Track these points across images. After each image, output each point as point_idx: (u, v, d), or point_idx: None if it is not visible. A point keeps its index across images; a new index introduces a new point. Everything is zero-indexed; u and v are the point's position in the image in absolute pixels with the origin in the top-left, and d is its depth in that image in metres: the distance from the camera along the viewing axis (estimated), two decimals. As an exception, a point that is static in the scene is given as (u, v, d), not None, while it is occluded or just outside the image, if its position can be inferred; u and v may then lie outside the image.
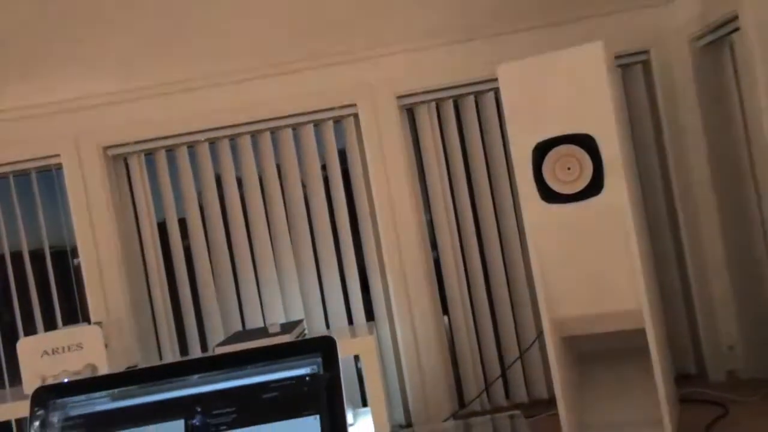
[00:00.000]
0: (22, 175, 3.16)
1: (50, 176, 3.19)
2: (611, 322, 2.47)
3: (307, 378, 0.84)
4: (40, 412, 0.85)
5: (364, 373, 2.76)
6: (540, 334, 3.11)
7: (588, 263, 2.46)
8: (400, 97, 3.12)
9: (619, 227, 2.41)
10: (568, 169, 2.48)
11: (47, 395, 0.86)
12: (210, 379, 0.86)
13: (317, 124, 3.18)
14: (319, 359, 0.85)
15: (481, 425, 1.16)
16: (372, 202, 3.16)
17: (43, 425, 0.84)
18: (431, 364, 3.08)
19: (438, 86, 3.11)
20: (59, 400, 0.86)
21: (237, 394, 0.84)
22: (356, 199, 3.20)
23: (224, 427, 0.83)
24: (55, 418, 0.85)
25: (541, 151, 2.50)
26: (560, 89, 2.44)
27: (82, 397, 0.86)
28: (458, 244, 3.17)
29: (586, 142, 2.44)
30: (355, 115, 3.15)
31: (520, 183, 2.53)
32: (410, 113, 3.21)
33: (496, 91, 3.14)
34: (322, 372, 0.85)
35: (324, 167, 3.20)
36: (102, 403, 0.85)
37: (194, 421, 0.83)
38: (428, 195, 3.19)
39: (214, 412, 0.84)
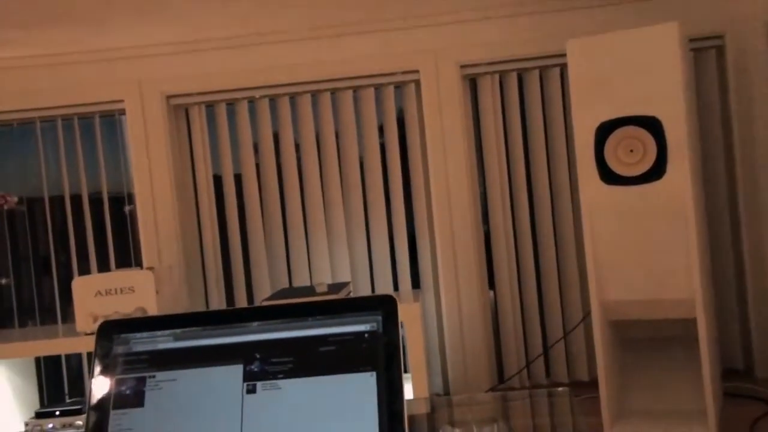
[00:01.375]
0: (87, 118, 3.22)
1: (113, 122, 3.24)
2: (662, 309, 2.43)
3: (366, 335, 0.85)
4: (105, 345, 0.87)
5: (407, 340, 2.78)
6: (586, 316, 3.08)
7: (643, 248, 2.42)
8: (463, 67, 3.09)
9: (679, 214, 2.36)
10: (631, 151, 2.43)
11: (112, 329, 0.88)
12: (270, 328, 0.87)
13: (378, 88, 3.16)
14: (379, 317, 0.86)
15: (529, 398, 1.16)
16: (427, 170, 3.15)
17: (106, 357, 0.86)
18: (473, 337, 3.08)
19: (503, 58, 3.06)
20: (123, 335, 0.87)
21: (295, 344, 0.85)
22: (411, 166, 3.19)
23: (281, 375, 0.84)
24: (118, 351, 0.87)
25: (604, 131, 2.45)
26: (630, 69, 2.39)
27: (146, 334, 0.87)
28: (510, 219, 3.14)
29: (652, 125, 2.38)
30: (417, 82, 3.13)
31: (580, 162, 2.49)
32: (472, 84, 3.17)
33: (562, 67, 3.08)
34: (381, 330, 0.85)
35: (381, 132, 3.20)
36: (164, 341, 0.87)
37: (252, 367, 0.85)
38: (483, 168, 3.17)
39: (272, 360, 0.85)
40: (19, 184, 3.25)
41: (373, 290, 3.19)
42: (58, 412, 2.66)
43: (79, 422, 2.64)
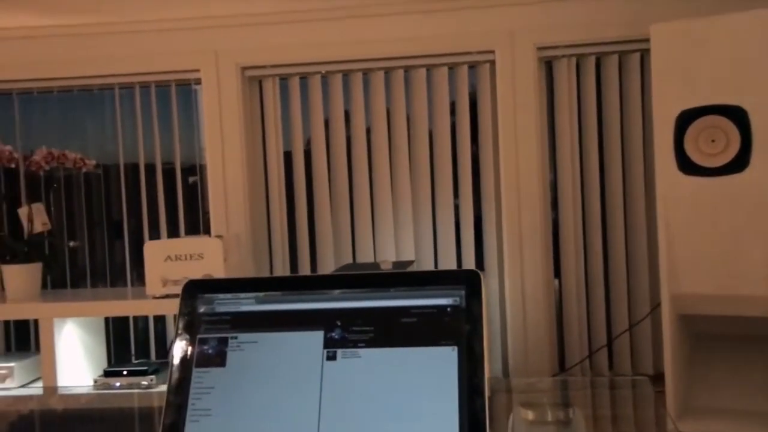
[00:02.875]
0: (163, 86, 3.27)
1: (188, 91, 3.29)
2: (737, 305, 2.36)
3: (449, 309, 0.84)
4: (189, 304, 0.88)
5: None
6: (655, 308, 3.01)
7: (720, 241, 2.35)
8: (540, 49, 3.03)
9: (760, 208, 2.28)
10: (713, 141, 2.35)
11: (197, 289, 0.89)
12: (351, 296, 0.86)
13: (451, 67, 3.13)
14: (463, 292, 0.85)
15: (604, 386, 1.14)
16: (497, 152, 3.11)
17: (190, 315, 0.87)
18: (536, 324, 3.04)
19: (581, 41, 2.99)
20: (207, 295, 0.88)
21: (377, 314, 0.85)
22: (481, 148, 3.16)
23: (362, 344, 0.83)
24: (201, 311, 0.88)
25: (685, 119, 2.38)
26: (716, 56, 2.30)
27: (229, 295, 0.88)
28: (580, 207, 3.08)
29: (737, 115, 2.30)
30: (492, 62, 3.09)
31: (658, 151, 2.42)
32: (548, 66, 3.11)
33: (643, 52, 2.99)
34: (464, 305, 0.84)
35: (453, 112, 3.17)
36: (247, 304, 0.87)
37: (333, 334, 0.85)
38: (555, 153, 3.11)
39: (353, 328, 0.84)
40: (96, 148, 3.33)
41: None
42: (125, 372, 2.73)
43: (145, 382, 2.71)
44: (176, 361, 0.86)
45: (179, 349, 0.86)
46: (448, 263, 3.15)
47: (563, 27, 2.99)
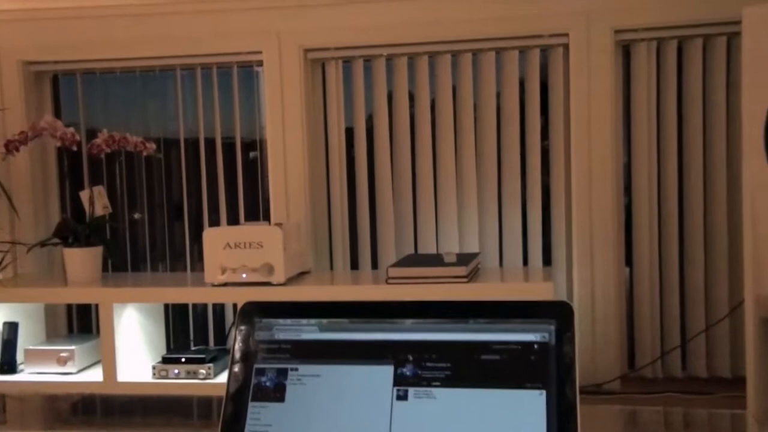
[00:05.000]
0: (225, 68, 3.22)
1: (249, 72, 3.23)
2: (830, 313, 2.19)
3: (536, 346, 0.74)
4: (246, 328, 0.80)
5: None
6: (735, 308, 2.84)
7: (814, 244, 2.18)
8: (617, 32, 2.86)
9: None
10: (808, 134, 2.17)
11: (254, 312, 0.81)
12: (425, 327, 0.77)
13: (522, 51, 2.99)
14: (552, 327, 0.74)
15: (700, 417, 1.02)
16: (568, 140, 2.97)
17: (247, 341, 0.79)
18: (605, 320, 2.90)
19: (662, 23, 2.82)
20: (265, 320, 0.80)
21: (454, 349, 0.75)
22: (551, 135, 3.02)
23: (437, 383, 0.74)
24: (260, 337, 0.79)
25: (778, 110, 2.20)
26: (816, 42, 2.12)
27: (289, 321, 0.80)
28: (656, 199, 2.92)
29: (838, 107, 2.12)
30: (565, 46, 2.93)
31: (746, 145, 2.26)
32: (626, 51, 2.95)
33: (730, 36, 2.80)
34: (553, 342, 0.74)
35: (522, 98, 3.03)
36: (309, 331, 0.79)
37: (404, 370, 0.76)
38: (630, 139, 2.95)
39: (427, 364, 0.75)
40: (157, 129, 3.31)
41: (500, 263, 3.06)
42: (183, 359, 2.71)
43: (203, 371, 2.67)
44: (231, 391, 0.78)
45: (234, 378, 0.79)
46: (514, 256, 3.03)
47: (642, 8, 2.82)
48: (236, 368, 0.79)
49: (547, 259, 3.05)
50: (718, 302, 2.89)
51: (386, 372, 0.76)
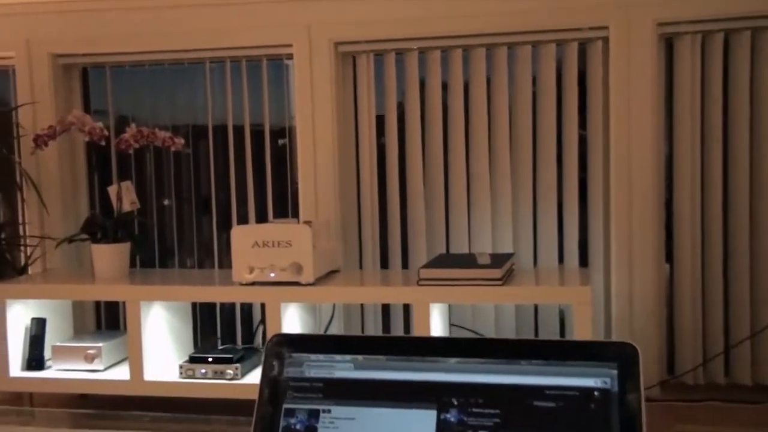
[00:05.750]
0: (254, 61, 3.16)
1: (279, 66, 3.16)
2: None
3: (596, 393, 0.66)
4: (275, 364, 0.73)
5: (571, 323, 2.56)
6: (778, 315, 2.73)
7: None
8: (660, 25, 2.75)
9: None
10: None
11: (284, 345, 0.74)
12: (472, 367, 0.70)
13: (559, 44, 2.89)
14: (615, 372, 0.67)
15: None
16: (607, 137, 2.86)
17: (275, 378, 0.73)
18: (644, 323, 2.81)
19: (708, 16, 2.70)
20: (296, 355, 0.73)
21: (503, 393, 0.68)
22: (589, 132, 2.92)
23: (484, 432, 0.67)
24: (290, 374, 0.73)
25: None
26: None
27: (321, 356, 0.73)
28: (699, 189, 2.81)
29: None
30: (605, 39, 2.83)
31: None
32: (669, 44, 2.83)
33: (780, 29, 2.68)
34: (616, 389, 0.66)
35: (559, 93, 2.93)
36: (343, 368, 0.72)
37: (448, 415, 0.68)
38: (672, 133, 2.84)
39: (473, 409, 0.68)
40: (186, 122, 3.26)
41: (535, 263, 2.97)
42: (210, 359, 2.66)
43: (230, 371, 2.63)
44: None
45: (261, 419, 0.72)
46: (549, 257, 2.94)
47: (686, 0, 2.70)
48: (264, 408, 0.72)
49: (584, 257, 2.95)
50: (765, 303, 2.78)
51: (428, 417, 0.69)
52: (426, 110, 3.01)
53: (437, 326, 2.56)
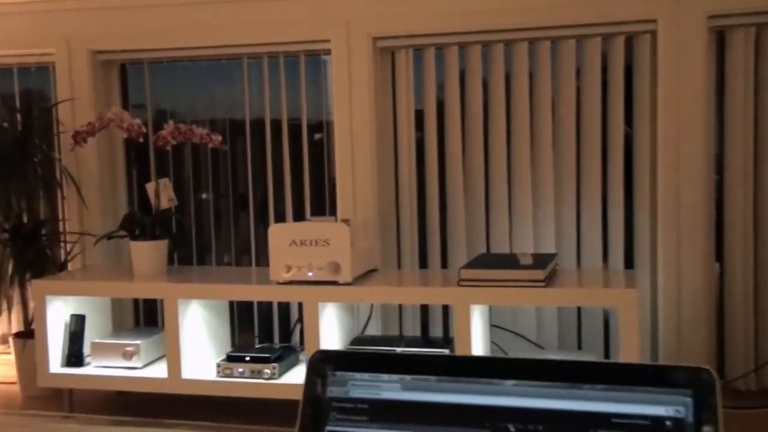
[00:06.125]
0: (292, 56, 3.12)
1: (316, 61, 3.12)
2: None
3: (668, 423, 0.60)
4: (317, 382, 0.69)
5: (616, 327, 2.48)
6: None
7: None
8: (711, 17, 2.65)
9: None
10: None
11: (327, 363, 0.69)
12: (530, 391, 0.65)
13: (605, 38, 2.81)
14: (689, 399, 0.61)
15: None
16: (654, 131, 2.77)
17: (318, 398, 0.68)
18: (692, 324, 2.72)
19: (762, 8, 2.60)
20: (340, 373, 0.69)
21: (565, 420, 0.63)
22: (636, 128, 2.83)
23: (544, 462, 0.62)
24: (333, 394, 0.68)
25: None
26: None
27: (367, 375, 0.68)
28: (751, 186, 2.71)
29: None
30: (653, 33, 2.74)
31: None
32: (720, 37, 2.73)
33: (839, 21, 2.57)
34: (691, 420, 0.60)
35: (604, 89, 2.84)
36: (390, 389, 0.67)
37: (504, 443, 0.63)
38: (722, 131, 2.75)
39: (533, 437, 0.63)
40: (223, 118, 3.24)
41: (578, 264, 2.90)
42: (248, 358, 2.64)
43: (267, 371, 2.60)
44: (300, 456, 0.68)
45: (303, 442, 0.68)
46: (593, 257, 2.86)
47: (740, -9, 2.60)
48: (306, 430, 0.68)
49: (629, 258, 2.87)
50: (818, 310, 2.68)
51: (482, 444, 0.64)
52: (466, 106, 2.95)
53: (478, 328, 2.50)
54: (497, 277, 2.40)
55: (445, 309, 2.99)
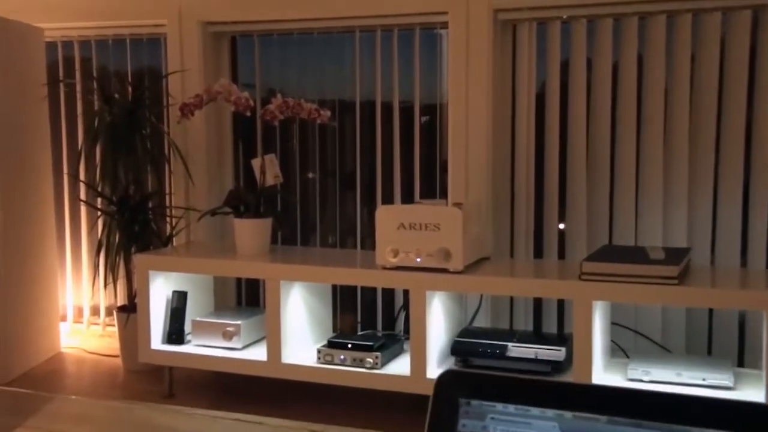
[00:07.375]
0: (406, 30, 2.97)
1: (432, 36, 2.96)
2: None
3: None
4: (443, 410, 0.53)
5: (758, 332, 2.22)
6: None
7: None
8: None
9: None
10: None
11: (458, 388, 0.53)
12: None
13: (725, 12, 2.51)
14: None
15: None
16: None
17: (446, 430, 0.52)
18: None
19: None
20: (475, 402, 0.53)
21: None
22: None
23: None
24: (466, 428, 0.52)
25: None
26: None
27: (512, 408, 0.52)
28: None
29: None
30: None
31: None
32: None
33: None
34: None
35: (752, 66, 2.55)
36: (544, 428, 0.51)
37: None
38: None
39: None
40: (333, 94, 3.13)
41: (712, 262, 2.62)
42: (350, 345, 2.52)
43: (370, 360, 2.48)
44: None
45: (425, 488, 0.52)
46: (730, 255, 2.58)
47: None
48: (429, 473, 0.52)
49: (771, 260, 2.58)
50: None
51: None
52: (592, 85, 2.71)
53: (598, 326, 2.29)
54: (624, 272, 2.17)
55: (560, 303, 2.78)
